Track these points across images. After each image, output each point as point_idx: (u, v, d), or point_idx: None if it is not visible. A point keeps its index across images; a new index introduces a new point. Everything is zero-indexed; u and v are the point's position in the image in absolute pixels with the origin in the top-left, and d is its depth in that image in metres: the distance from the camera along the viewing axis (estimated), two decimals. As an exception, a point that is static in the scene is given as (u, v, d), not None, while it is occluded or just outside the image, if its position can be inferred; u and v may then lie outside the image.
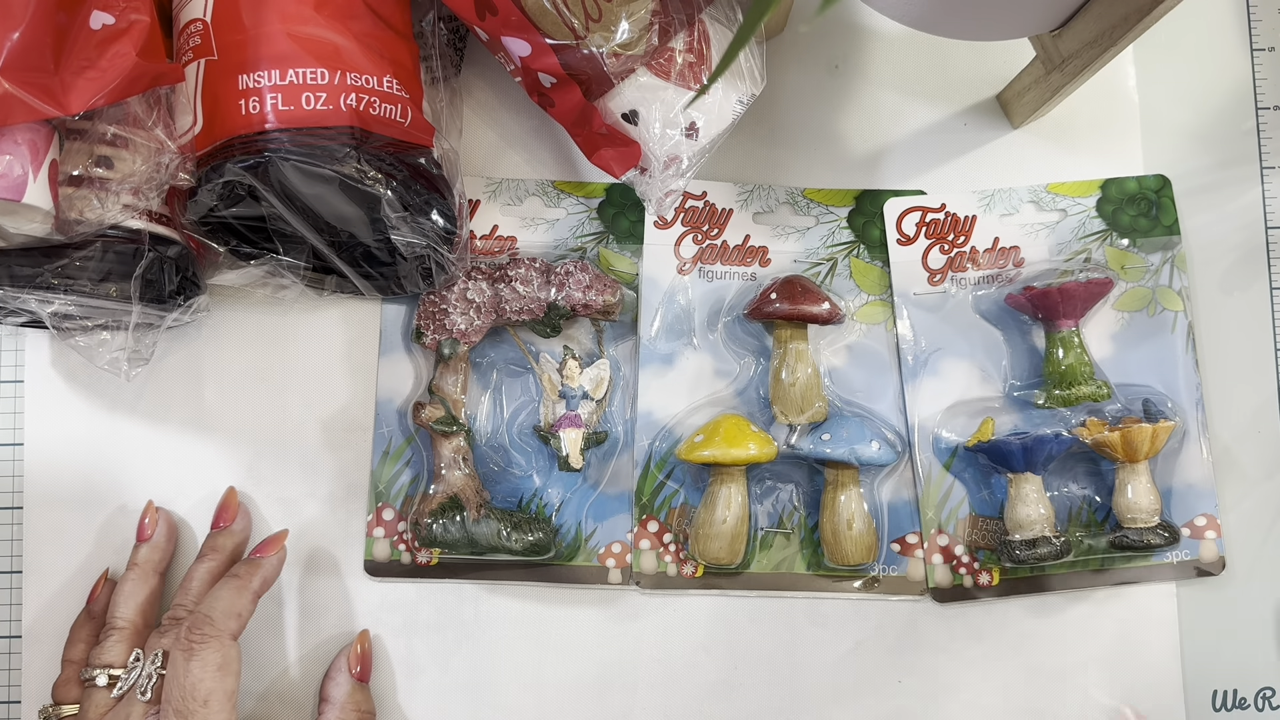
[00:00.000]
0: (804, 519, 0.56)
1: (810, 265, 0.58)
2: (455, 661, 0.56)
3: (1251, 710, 0.56)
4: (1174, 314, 0.56)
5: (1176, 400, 0.56)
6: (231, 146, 0.47)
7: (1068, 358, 0.54)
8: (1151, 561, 0.55)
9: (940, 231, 0.57)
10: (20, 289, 0.48)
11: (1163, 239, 0.57)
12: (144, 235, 0.50)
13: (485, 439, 0.57)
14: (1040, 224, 0.57)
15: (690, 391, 0.57)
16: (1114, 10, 0.46)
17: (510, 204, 0.58)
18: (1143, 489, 0.54)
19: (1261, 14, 0.60)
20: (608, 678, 0.56)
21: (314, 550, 0.57)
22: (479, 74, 0.60)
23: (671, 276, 0.57)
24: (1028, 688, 0.56)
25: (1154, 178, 0.57)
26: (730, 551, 0.54)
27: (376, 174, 0.48)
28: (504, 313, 0.55)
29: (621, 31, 0.48)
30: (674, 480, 0.56)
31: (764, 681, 0.56)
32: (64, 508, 0.57)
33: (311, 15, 0.48)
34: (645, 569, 0.56)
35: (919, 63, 0.60)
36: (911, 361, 0.57)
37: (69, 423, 0.57)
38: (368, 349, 0.58)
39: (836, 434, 0.54)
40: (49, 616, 0.56)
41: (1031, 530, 0.53)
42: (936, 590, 0.55)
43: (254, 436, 0.57)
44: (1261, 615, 0.56)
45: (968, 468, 0.56)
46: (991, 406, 0.56)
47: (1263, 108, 0.60)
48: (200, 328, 0.58)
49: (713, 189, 0.58)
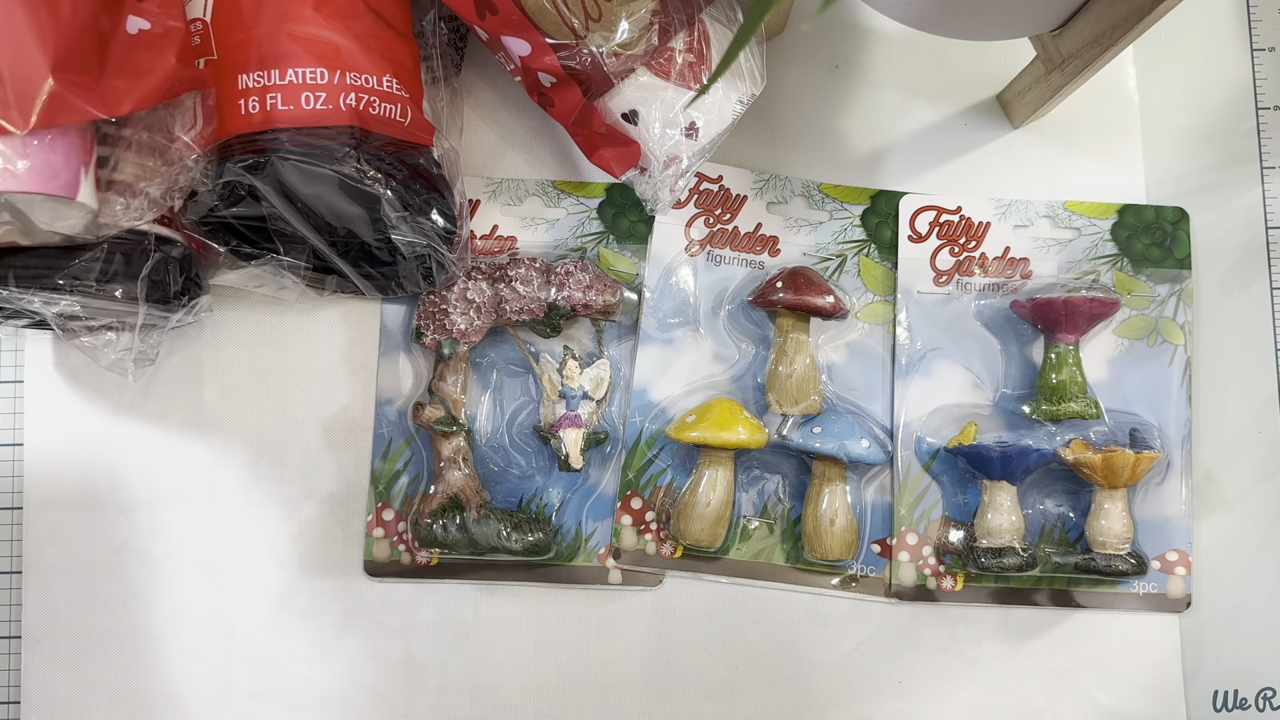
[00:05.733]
0: (787, 511, 0.56)
1: (820, 260, 0.58)
2: (455, 661, 0.56)
3: (1252, 710, 0.56)
4: (1174, 347, 0.56)
5: (1165, 432, 0.56)
6: (231, 146, 0.47)
7: (1062, 373, 0.54)
8: (1117, 589, 0.55)
9: (953, 233, 0.57)
10: (26, 289, 0.48)
11: (1173, 271, 0.57)
12: (149, 236, 0.50)
13: (485, 439, 0.57)
14: (1053, 240, 0.57)
15: (687, 373, 0.57)
16: (1114, 10, 0.46)
17: (510, 204, 0.58)
18: (1117, 516, 0.54)
19: (1261, 14, 0.60)
20: (608, 678, 0.56)
21: (314, 550, 0.57)
22: (479, 74, 0.60)
23: (680, 256, 0.57)
24: (1028, 688, 0.56)
25: (1172, 209, 0.57)
26: (711, 535, 0.54)
27: (376, 174, 0.48)
28: (504, 313, 0.55)
29: (621, 31, 0.48)
30: (662, 459, 0.56)
31: (764, 681, 0.56)
32: (64, 508, 0.57)
33: (311, 15, 0.48)
34: (625, 545, 0.56)
35: (919, 63, 0.60)
36: (905, 359, 0.57)
37: (69, 423, 0.57)
38: (368, 349, 0.58)
39: (828, 428, 0.54)
40: (49, 616, 0.56)
41: (1000, 538, 0.54)
42: (899, 589, 0.55)
43: (254, 436, 0.57)
44: (1262, 616, 0.56)
45: (947, 471, 0.56)
46: (979, 413, 0.56)
47: (1263, 108, 0.60)
48: (200, 328, 0.58)
49: (729, 174, 0.58)
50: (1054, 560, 0.55)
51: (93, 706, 0.56)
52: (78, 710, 0.56)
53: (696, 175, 0.57)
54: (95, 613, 0.56)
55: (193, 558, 0.56)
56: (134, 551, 0.56)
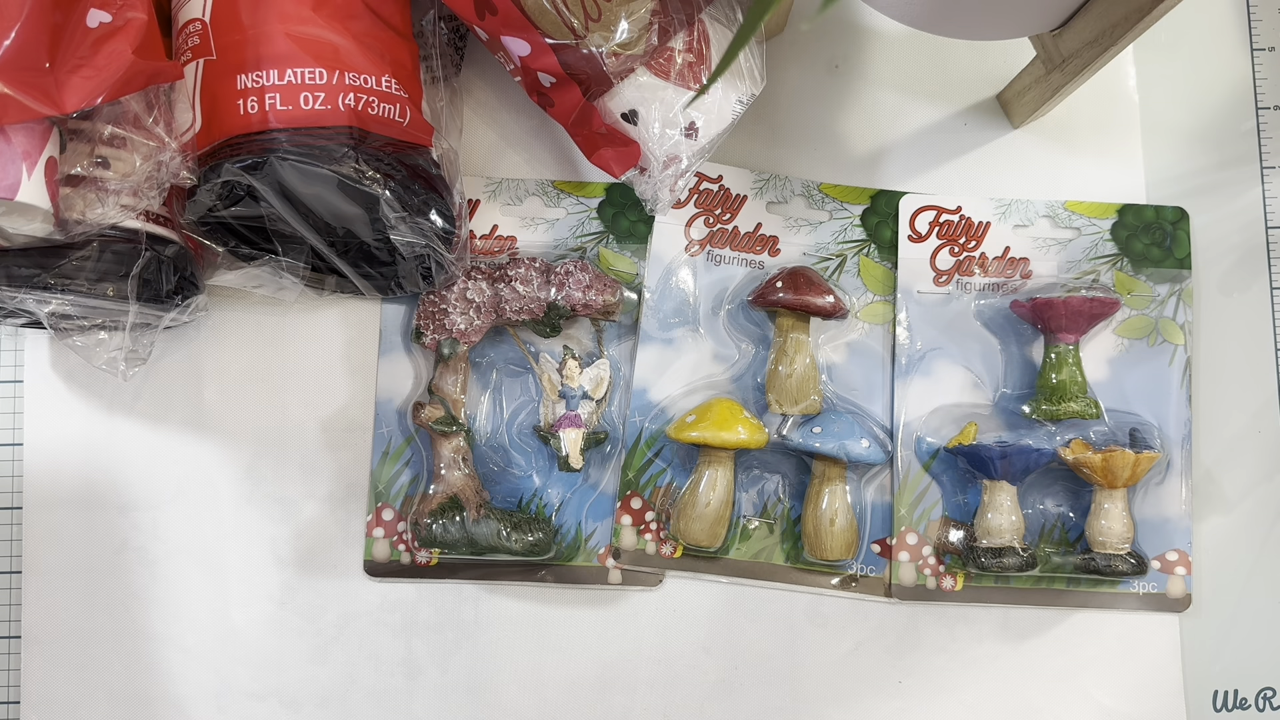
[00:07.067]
0: (787, 511, 0.56)
1: (820, 259, 0.58)
2: (455, 661, 0.56)
3: (1252, 710, 0.56)
4: (1174, 347, 0.56)
5: (1165, 432, 0.56)
6: (230, 146, 0.47)
7: (1062, 373, 0.54)
8: (1117, 589, 0.55)
9: (953, 233, 0.57)
10: (18, 289, 0.48)
11: (1173, 271, 0.57)
12: (141, 235, 0.50)
13: (485, 439, 0.57)
14: (1053, 240, 0.57)
15: (687, 373, 0.57)
16: (1114, 10, 0.46)
17: (510, 204, 0.58)
18: (1117, 516, 0.53)
19: (1261, 14, 0.60)
20: (608, 678, 0.56)
21: (314, 550, 0.57)
22: (479, 74, 0.59)
23: (679, 256, 0.57)
24: (1028, 688, 0.56)
25: (1172, 209, 0.57)
26: (710, 535, 0.54)
27: (375, 174, 0.47)
28: (504, 313, 0.55)
29: (621, 31, 0.48)
30: (662, 459, 0.56)
31: (764, 681, 0.56)
32: (64, 508, 0.57)
33: (310, 15, 0.48)
34: (625, 545, 0.56)
35: (919, 63, 0.60)
36: (905, 359, 0.57)
37: (69, 423, 0.57)
38: (367, 349, 0.58)
39: (828, 428, 0.54)
40: (49, 617, 0.56)
41: (1000, 538, 0.54)
42: (899, 588, 0.55)
43: (253, 437, 0.57)
44: (1262, 616, 0.56)
45: (947, 471, 0.56)
46: (979, 413, 0.56)
47: (1263, 108, 0.60)
48: (199, 328, 0.58)
49: (729, 173, 0.58)
50: (1054, 560, 0.55)
51: (92, 706, 0.56)
52: (77, 710, 0.56)
53: (696, 175, 0.57)
54: (95, 613, 0.56)
55: (193, 558, 0.56)
56: (134, 551, 0.57)
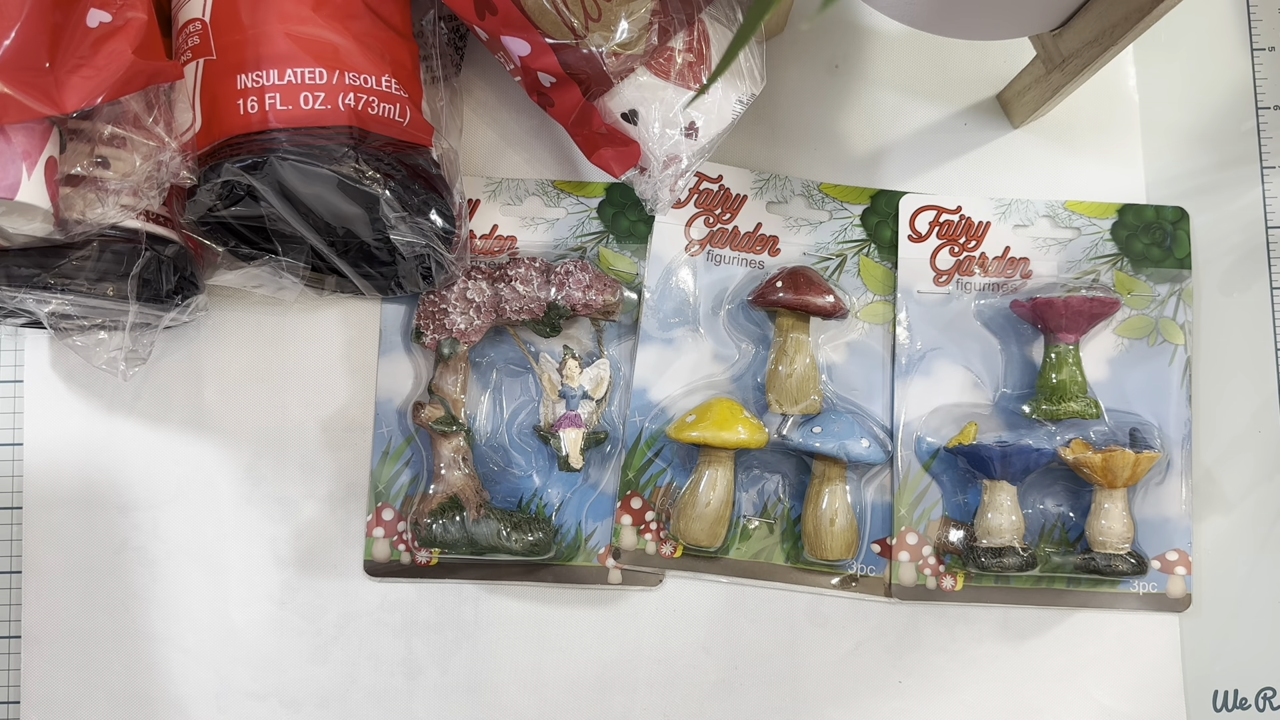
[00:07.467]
0: (787, 511, 0.56)
1: (820, 259, 0.58)
2: (455, 661, 0.56)
3: (1252, 710, 0.56)
4: (1174, 347, 0.56)
5: (1165, 432, 0.56)
6: (230, 146, 0.47)
7: (1062, 372, 0.54)
8: (1117, 589, 0.55)
9: (953, 233, 0.57)
10: (18, 289, 0.48)
11: (1173, 271, 0.57)
12: (141, 235, 0.50)
13: (485, 439, 0.57)
14: (1053, 239, 0.57)
15: (687, 373, 0.57)
16: (1114, 10, 0.46)
17: (510, 204, 0.58)
18: (1117, 515, 0.53)
19: (1261, 14, 0.60)
20: (608, 678, 0.56)
21: (314, 550, 0.57)
22: (479, 74, 0.59)
23: (679, 256, 0.57)
24: (1028, 688, 0.56)
25: (1172, 209, 0.57)
26: (710, 535, 0.54)
27: (374, 174, 0.47)
28: (504, 312, 0.55)
29: (621, 31, 0.48)
30: (662, 459, 0.56)
31: (764, 681, 0.56)
32: (64, 508, 0.57)
33: (310, 15, 0.48)
34: (625, 545, 0.56)
35: (919, 63, 0.60)
36: (905, 359, 0.57)
37: (69, 423, 0.57)
38: (367, 349, 0.58)
39: (828, 428, 0.54)
40: (49, 616, 0.56)
41: (1000, 538, 0.54)
42: (899, 588, 0.55)
43: (253, 436, 0.57)
44: (1262, 616, 0.56)
45: (947, 470, 0.56)
46: (979, 413, 0.56)
47: (1263, 108, 0.60)
48: (199, 328, 0.58)
49: (729, 173, 0.58)
50: (1054, 560, 0.55)
51: (92, 706, 0.56)
52: (77, 710, 0.56)
53: (696, 175, 0.57)
54: (95, 613, 0.56)
55: (192, 558, 0.56)
56: (134, 551, 0.57)
